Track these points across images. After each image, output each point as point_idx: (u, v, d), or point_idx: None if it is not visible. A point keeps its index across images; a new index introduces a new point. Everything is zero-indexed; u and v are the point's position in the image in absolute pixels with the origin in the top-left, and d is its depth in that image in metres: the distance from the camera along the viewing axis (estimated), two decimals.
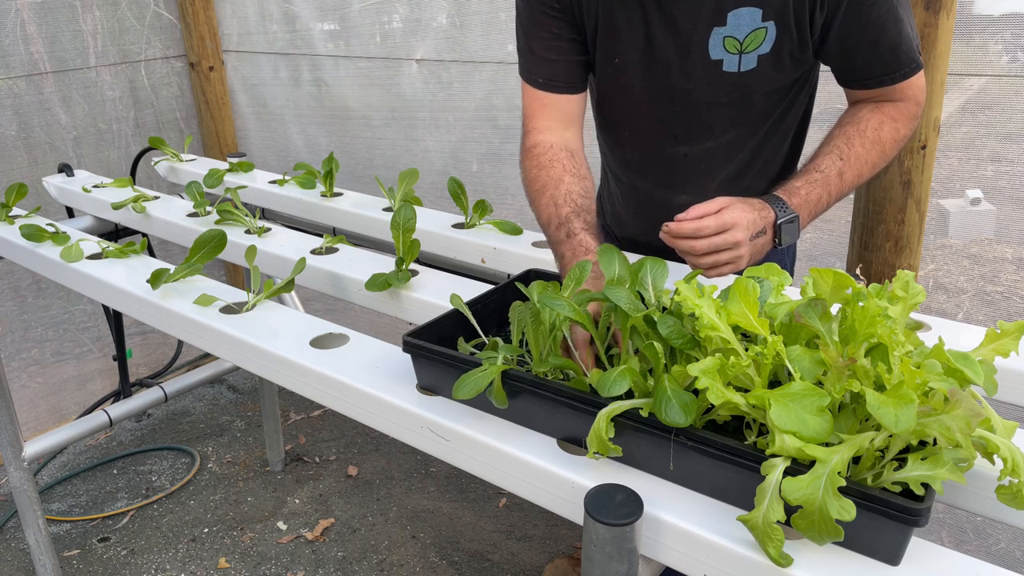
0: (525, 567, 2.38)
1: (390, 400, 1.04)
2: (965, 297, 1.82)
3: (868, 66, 1.30)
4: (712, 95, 1.36)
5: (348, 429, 3.12)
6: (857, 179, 1.30)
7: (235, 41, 3.19)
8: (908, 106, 1.33)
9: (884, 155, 1.32)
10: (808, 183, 1.26)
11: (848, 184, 1.30)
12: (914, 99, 1.33)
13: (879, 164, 1.32)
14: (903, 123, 1.32)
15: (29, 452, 2.08)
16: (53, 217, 1.94)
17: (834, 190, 1.28)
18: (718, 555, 0.77)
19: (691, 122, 1.40)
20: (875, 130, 1.30)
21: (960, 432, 0.71)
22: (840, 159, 1.28)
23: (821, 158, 1.29)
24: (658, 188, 1.52)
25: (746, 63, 1.31)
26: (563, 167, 1.36)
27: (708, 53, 1.31)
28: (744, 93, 1.35)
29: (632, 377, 0.86)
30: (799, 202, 1.24)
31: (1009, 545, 1.91)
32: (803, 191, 1.25)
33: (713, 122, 1.40)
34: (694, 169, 1.46)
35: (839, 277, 0.87)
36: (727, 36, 1.29)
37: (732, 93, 1.35)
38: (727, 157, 1.44)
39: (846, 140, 1.30)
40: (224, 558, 2.46)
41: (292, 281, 1.40)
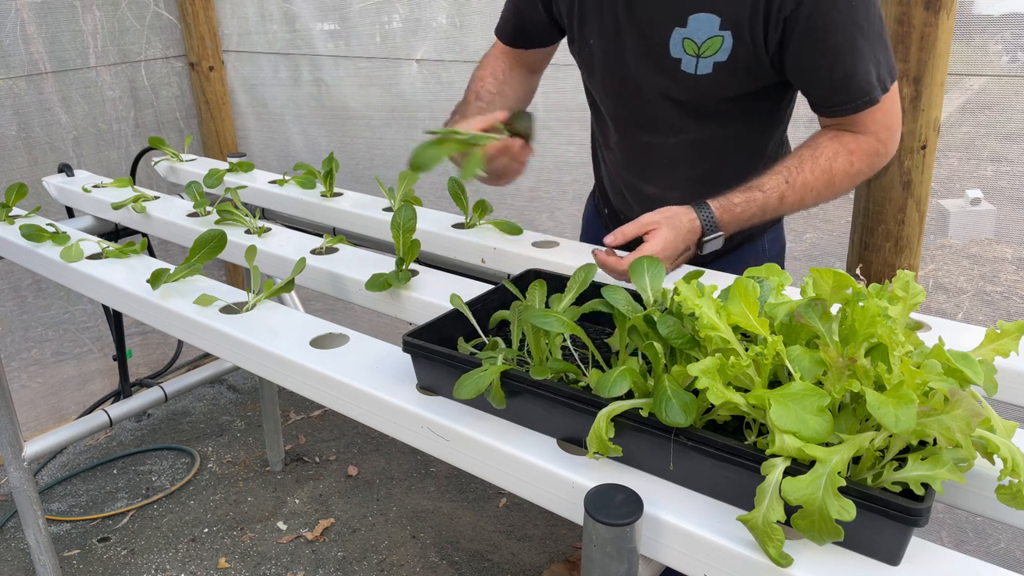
0: (525, 567, 2.38)
1: (390, 400, 1.04)
2: (965, 297, 1.82)
3: (821, 93, 1.30)
4: (669, 91, 1.39)
5: (348, 429, 3.12)
6: (799, 204, 1.31)
7: (235, 41, 3.19)
8: (868, 141, 1.31)
9: (832, 186, 1.31)
10: (746, 202, 1.29)
11: (788, 208, 1.32)
12: (875, 135, 1.31)
13: (825, 194, 1.31)
14: (859, 157, 1.30)
15: (29, 452, 2.08)
16: (53, 217, 1.94)
17: (770, 211, 1.30)
18: (718, 555, 0.77)
19: (650, 115, 1.44)
20: (828, 159, 1.30)
21: (960, 432, 0.71)
22: (786, 182, 1.29)
23: (769, 177, 1.30)
24: (631, 175, 1.56)
25: (702, 67, 1.33)
26: (493, 71, 1.56)
27: (669, 50, 1.34)
28: (699, 95, 1.37)
29: (632, 377, 0.86)
30: (730, 219, 1.28)
31: (1009, 545, 1.91)
32: (738, 209, 1.29)
33: (671, 118, 1.43)
34: (660, 162, 1.50)
35: (839, 277, 0.87)
36: (686, 38, 1.32)
37: (688, 93, 1.37)
38: (692, 157, 1.46)
39: (798, 163, 1.30)
40: (224, 558, 2.46)
41: (292, 281, 1.40)
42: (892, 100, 1.31)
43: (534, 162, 2.48)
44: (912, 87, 1.59)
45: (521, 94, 1.59)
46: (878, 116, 1.30)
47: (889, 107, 1.31)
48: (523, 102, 1.60)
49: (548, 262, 1.48)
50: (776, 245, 1.64)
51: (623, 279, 1.23)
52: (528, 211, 2.55)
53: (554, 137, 2.39)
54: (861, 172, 1.32)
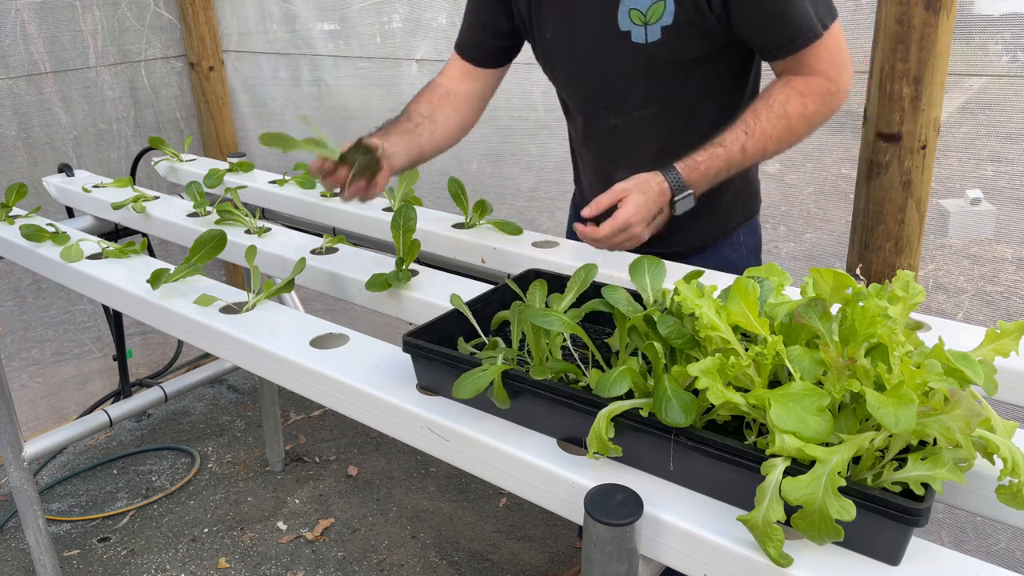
0: (525, 567, 2.38)
1: (390, 400, 1.04)
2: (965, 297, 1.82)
3: (765, 38, 1.35)
4: (626, 66, 1.44)
5: (348, 429, 3.12)
6: (762, 153, 1.36)
7: (235, 41, 3.19)
8: (818, 81, 1.35)
9: (791, 130, 1.35)
10: (710, 158, 1.34)
11: (751, 157, 1.36)
12: (823, 74, 1.35)
13: (785, 138, 1.36)
14: (811, 98, 1.35)
15: (29, 452, 2.08)
16: (53, 217, 1.94)
17: (735, 163, 1.35)
18: (718, 555, 0.77)
19: (613, 93, 1.49)
20: (782, 104, 1.34)
21: (960, 432, 0.71)
22: (745, 133, 1.34)
23: (728, 132, 1.35)
24: (601, 161, 1.60)
25: (651, 34, 1.38)
26: (430, 98, 1.60)
27: (618, 24, 1.39)
28: (654, 64, 1.41)
29: (632, 377, 0.86)
30: (697, 177, 1.33)
31: (1009, 545, 1.91)
32: (703, 166, 1.33)
33: (632, 93, 1.47)
34: (627, 142, 1.53)
35: (839, 277, 0.87)
36: (632, 8, 1.38)
37: (644, 64, 1.42)
38: (655, 131, 1.50)
39: (754, 115, 1.35)
40: (224, 558, 2.46)
41: (292, 281, 1.40)
42: (835, 38, 1.35)
43: (534, 162, 2.48)
44: (912, 87, 1.59)
45: (453, 124, 1.60)
46: (823, 55, 1.34)
47: (833, 44, 1.35)
48: (452, 133, 1.62)
49: (548, 262, 1.48)
50: (752, 238, 1.67)
51: (604, 247, 1.33)
52: (528, 211, 2.55)
53: (554, 137, 2.39)
54: (817, 112, 1.36)
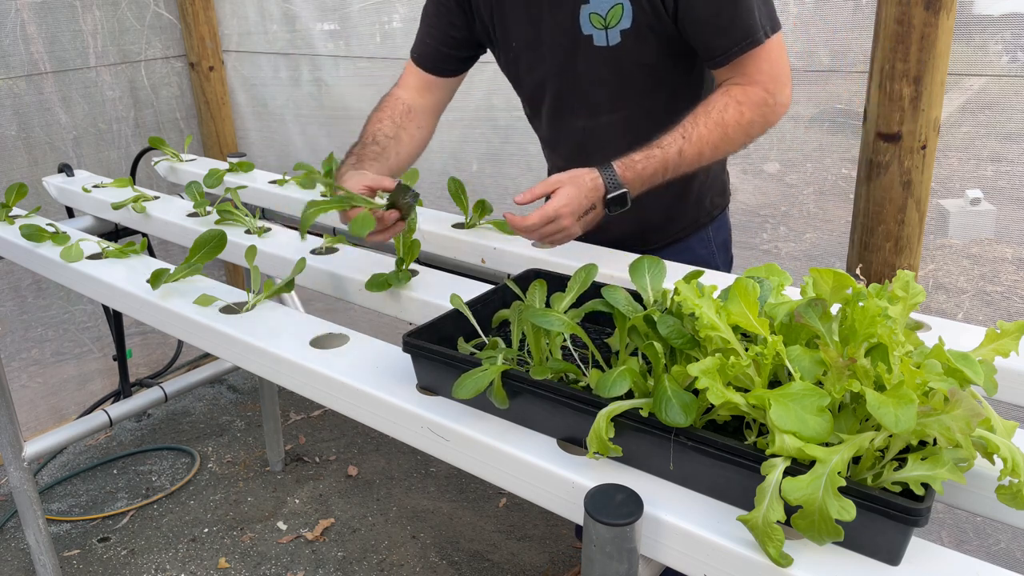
0: (525, 567, 2.38)
1: (390, 400, 1.04)
2: (965, 297, 1.82)
3: (709, 41, 1.37)
4: (591, 70, 1.46)
5: (348, 429, 3.12)
6: (697, 158, 1.37)
7: (235, 41, 3.19)
8: (756, 91, 1.37)
9: (727, 137, 1.37)
10: (646, 158, 1.35)
11: (687, 161, 1.37)
12: (762, 84, 1.37)
13: (720, 146, 1.38)
14: (748, 107, 1.37)
15: (29, 452, 2.08)
16: (53, 217, 1.94)
17: (671, 166, 1.36)
18: (718, 555, 0.77)
19: (580, 97, 1.51)
20: (719, 112, 1.36)
21: (960, 432, 0.71)
22: (682, 138, 1.36)
23: (666, 135, 1.37)
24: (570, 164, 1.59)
25: (612, 38, 1.40)
26: (391, 115, 1.60)
27: (580, 29, 1.42)
28: (618, 68, 1.44)
29: (632, 377, 0.85)
30: (632, 176, 1.34)
31: (1009, 545, 1.91)
32: (639, 166, 1.34)
33: (599, 97, 1.49)
34: (595, 146, 1.54)
35: (839, 277, 0.87)
36: (592, 12, 1.40)
37: (608, 67, 1.44)
38: (622, 135, 1.50)
39: (692, 120, 1.37)
40: (224, 558, 2.46)
41: (292, 281, 1.40)
42: (777, 50, 1.38)
43: (534, 162, 2.48)
44: (912, 87, 1.59)
45: (416, 141, 1.61)
46: (763, 65, 1.37)
47: (775, 58, 1.38)
48: (415, 150, 1.63)
49: (548, 262, 1.48)
50: (721, 232, 1.69)
51: (534, 238, 1.35)
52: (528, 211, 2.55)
53: None
54: (753, 122, 1.38)
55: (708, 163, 1.40)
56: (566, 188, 1.31)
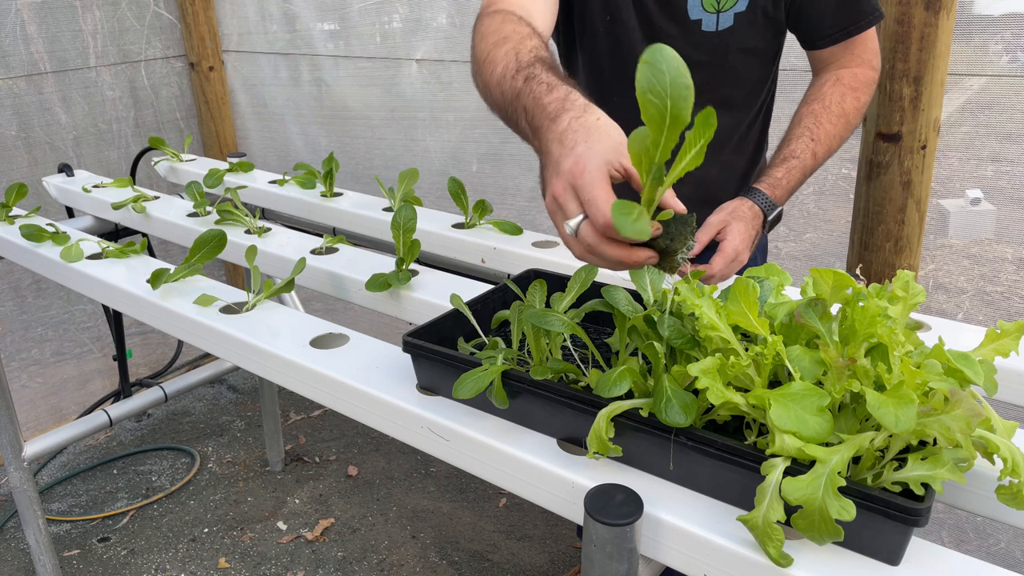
0: (525, 567, 2.38)
1: (390, 400, 1.04)
2: (965, 297, 1.82)
3: (833, 17, 1.36)
4: (692, 54, 1.36)
5: (348, 429, 3.12)
6: (828, 154, 1.39)
7: (235, 41, 3.19)
8: (864, 72, 1.39)
9: (850, 125, 1.39)
10: (788, 172, 1.34)
11: (820, 160, 1.38)
12: (869, 63, 1.39)
13: (846, 135, 1.40)
14: (863, 91, 1.39)
15: (29, 452, 2.08)
16: (53, 217, 1.94)
17: (809, 170, 1.37)
18: (718, 555, 0.77)
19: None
20: (839, 103, 1.37)
21: (960, 432, 0.71)
22: (812, 140, 1.35)
23: (795, 142, 1.36)
24: None
25: (724, 21, 1.37)
26: (530, 29, 1.14)
27: (687, 13, 1.38)
28: (722, 53, 1.41)
29: (632, 377, 0.85)
30: (782, 194, 1.34)
31: (1009, 545, 1.91)
32: (784, 181, 1.34)
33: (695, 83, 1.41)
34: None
35: (839, 277, 0.87)
36: None
37: (711, 53, 1.41)
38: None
39: (814, 119, 1.36)
40: (224, 558, 2.46)
41: (292, 281, 1.40)
42: (875, 34, 1.40)
43: (534, 162, 2.48)
44: (912, 87, 1.59)
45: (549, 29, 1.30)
46: (870, 43, 1.39)
47: (875, 38, 1.41)
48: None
49: (548, 262, 1.48)
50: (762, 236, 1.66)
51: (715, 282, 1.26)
52: (528, 211, 2.55)
53: None
54: (866, 104, 1.41)
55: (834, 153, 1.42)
56: (734, 225, 1.28)
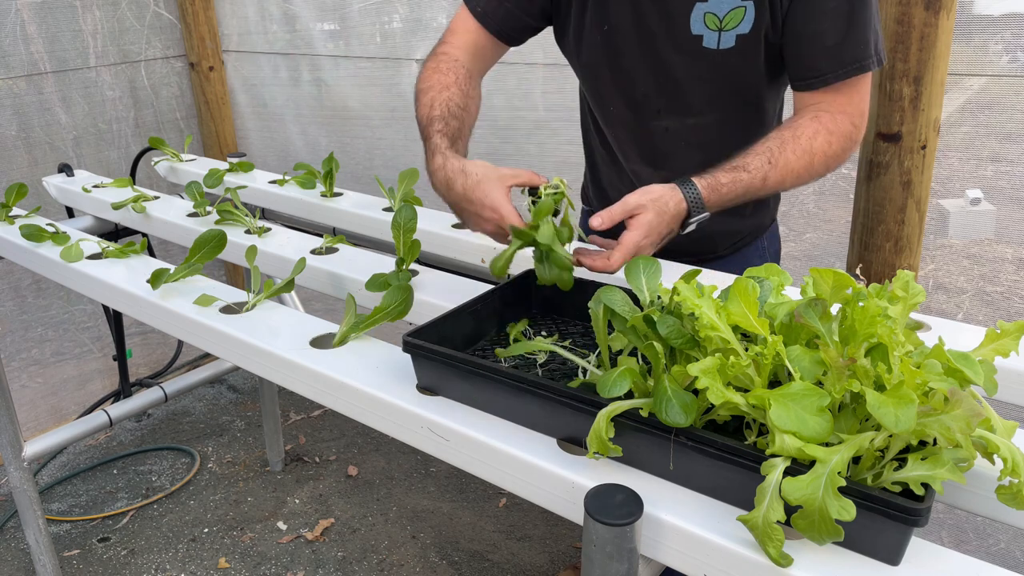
0: (525, 567, 2.38)
1: (390, 400, 1.04)
2: (965, 297, 1.82)
3: (808, 62, 1.30)
4: (691, 70, 1.37)
5: (348, 429, 3.12)
6: (779, 186, 1.29)
7: (235, 41, 3.19)
8: (844, 122, 1.31)
9: (811, 168, 1.30)
10: (732, 182, 1.25)
11: (768, 189, 1.29)
12: (850, 118, 1.31)
13: (803, 176, 1.30)
14: (837, 139, 1.30)
15: (29, 452, 2.08)
16: (53, 217, 1.94)
17: (754, 191, 1.28)
18: (718, 555, 0.77)
19: (672, 96, 1.42)
20: (809, 139, 1.28)
21: (960, 432, 0.71)
22: (769, 163, 1.27)
23: (752, 157, 1.28)
24: (638, 164, 1.53)
25: (725, 41, 1.32)
26: (456, 79, 1.41)
27: (689, 28, 1.33)
28: (722, 72, 1.36)
29: (632, 377, 0.85)
30: (716, 200, 1.25)
31: (1009, 545, 1.91)
32: (724, 189, 1.25)
33: (693, 99, 1.41)
34: (675, 147, 1.47)
35: (839, 277, 0.87)
36: (708, 12, 1.31)
37: (711, 71, 1.36)
38: (707, 139, 1.44)
39: (779, 144, 1.28)
40: (224, 558, 2.46)
41: (292, 281, 1.40)
42: (868, 86, 1.33)
43: (534, 162, 2.48)
44: (912, 87, 1.59)
45: (475, 112, 1.47)
46: (856, 98, 1.31)
47: (865, 92, 1.33)
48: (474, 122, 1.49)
49: None
50: (774, 243, 1.64)
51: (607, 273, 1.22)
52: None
53: (554, 137, 2.39)
54: (837, 156, 1.31)
55: (783, 190, 1.33)
56: (648, 216, 1.17)
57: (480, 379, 0.97)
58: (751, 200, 1.30)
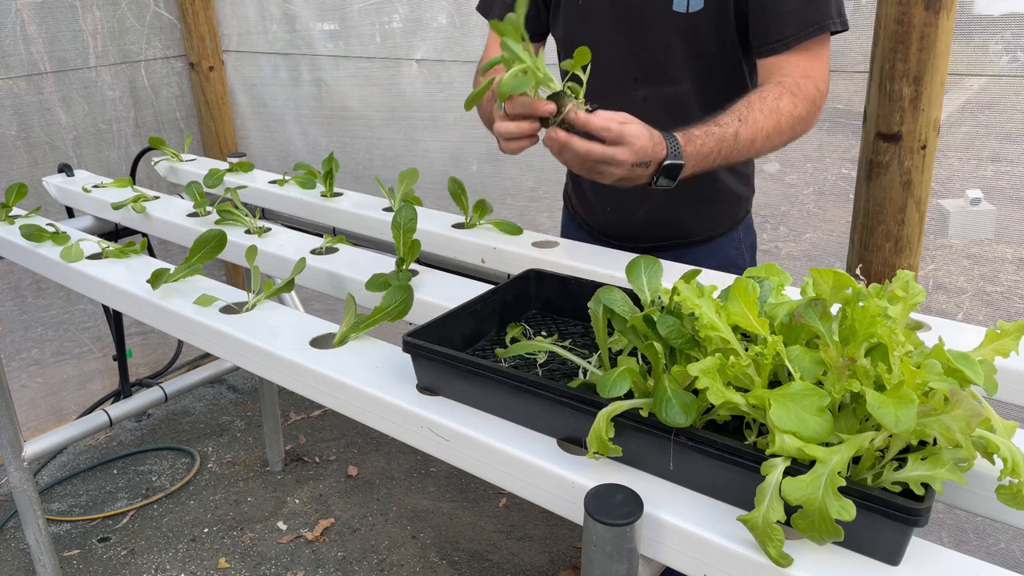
0: (525, 567, 2.38)
1: (390, 400, 1.04)
2: (965, 297, 1.82)
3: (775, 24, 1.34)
4: (664, 36, 1.42)
5: (348, 429, 3.12)
6: (750, 144, 1.31)
7: (235, 41, 3.19)
8: (808, 86, 1.35)
9: (779, 127, 1.33)
10: (705, 135, 1.27)
11: (741, 147, 1.31)
12: (813, 82, 1.35)
13: (772, 136, 1.33)
14: (801, 100, 1.34)
15: (29, 452, 2.08)
16: (53, 217, 1.94)
17: (725, 149, 1.29)
18: (718, 555, 0.77)
19: (648, 63, 1.46)
20: (775, 99, 1.32)
21: (960, 432, 0.71)
22: (739, 120, 1.30)
23: (722, 115, 1.31)
24: None
25: (694, 4, 1.37)
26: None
27: None
28: (694, 37, 1.40)
29: (632, 377, 0.85)
30: (692, 151, 1.26)
31: (1009, 545, 1.92)
32: (698, 141, 1.26)
33: (667, 65, 1.46)
34: (654, 117, 1.47)
35: (839, 277, 0.87)
36: None
37: (682, 34, 1.41)
38: (685, 110, 1.47)
39: (747, 104, 1.32)
40: (224, 558, 2.46)
41: (292, 281, 1.40)
42: (827, 50, 1.38)
43: (534, 162, 2.48)
44: (912, 87, 1.59)
45: None
46: (817, 63, 1.36)
47: (825, 56, 1.38)
48: None
49: (548, 262, 1.48)
50: (749, 235, 1.68)
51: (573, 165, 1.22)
52: (528, 211, 2.55)
53: None
54: (803, 118, 1.34)
55: (756, 154, 1.36)
56: (638, 126, 1.19)
57: (480, 379, 0.97)
58: (726, 162, 1.32)
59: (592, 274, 1.39)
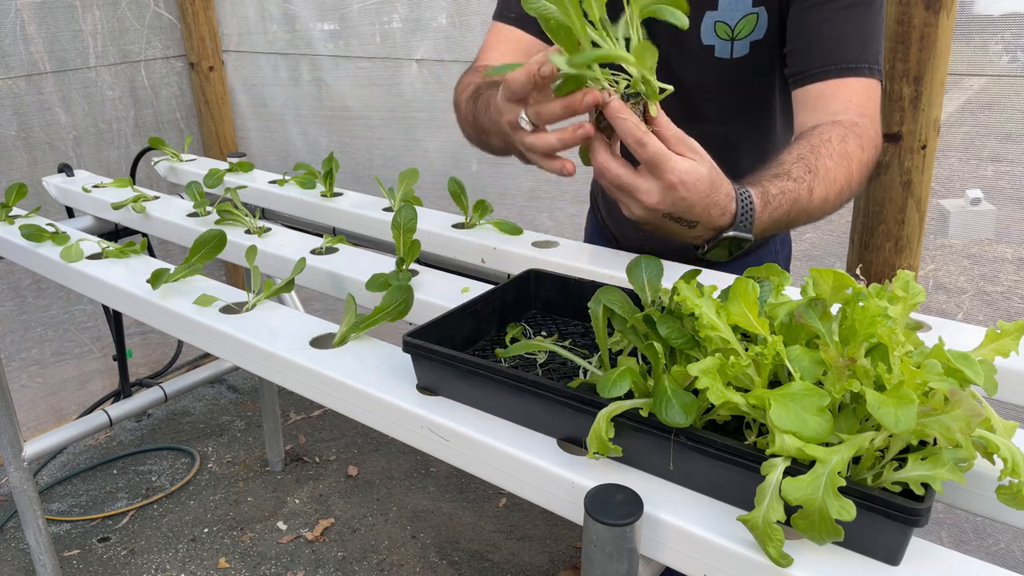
0: (525, 567, 2.38)
1: (390, 400, 1.04)
2: (965, 297, 1.82)
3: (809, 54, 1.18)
4: (704, 81, 1.33)
5: (348, 429, 3.12)
6: (823, 202, 1.07)
7: (235, 41, 3.19)
8: (867, 127, 1.14)
9: (851, 176, 1.09)
10: (782, 193, 1.04)
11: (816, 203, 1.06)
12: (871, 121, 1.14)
13: (845, 188, 1.09)
14: (867, 142, 1.12)
15: (29, 452, 2.08)
16: (53, 217, 1.94)
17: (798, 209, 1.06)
18: (718, 555, 0.77)
19: (685, 107, 1.36)
20: (840, 142, 1.08)
21: (960, 432, 0.71)
22: (809, 172, 1.04)
23: (788, 160, 1.07)
24: None
25: (738, 49, 1.28)
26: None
27: (700, 38, 1.28)
28: (736, 82, 1.32)
29: (632, 377, 0.85)
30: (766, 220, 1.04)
31: (1009, 545, 1.92)
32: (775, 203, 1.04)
33: (706, 110, 1.38)
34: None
35: (839, 277, 0.87)
36: (718, 21, 1.26)
37: (724, 81, 1.32)
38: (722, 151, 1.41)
39: (811, 150, 1.06)
40: (224, 558, 2.46)
41: (292, 281, 1.40)
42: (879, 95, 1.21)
43: None
44: (912, 87, 1.59)
45: None
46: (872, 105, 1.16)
47: (879, 101, 1.21)
48: None
49: (548, 262, 1.48)
50: (786, 247, 1.62)
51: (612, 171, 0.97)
52: (528, 211, 2.55)
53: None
54: (868, 164, 1.13)
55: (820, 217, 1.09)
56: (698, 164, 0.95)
57: (480, 379, 0.97)
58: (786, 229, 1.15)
59: (592, 274, 1.39)
